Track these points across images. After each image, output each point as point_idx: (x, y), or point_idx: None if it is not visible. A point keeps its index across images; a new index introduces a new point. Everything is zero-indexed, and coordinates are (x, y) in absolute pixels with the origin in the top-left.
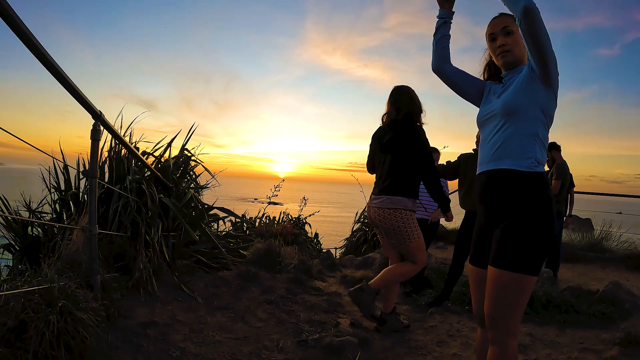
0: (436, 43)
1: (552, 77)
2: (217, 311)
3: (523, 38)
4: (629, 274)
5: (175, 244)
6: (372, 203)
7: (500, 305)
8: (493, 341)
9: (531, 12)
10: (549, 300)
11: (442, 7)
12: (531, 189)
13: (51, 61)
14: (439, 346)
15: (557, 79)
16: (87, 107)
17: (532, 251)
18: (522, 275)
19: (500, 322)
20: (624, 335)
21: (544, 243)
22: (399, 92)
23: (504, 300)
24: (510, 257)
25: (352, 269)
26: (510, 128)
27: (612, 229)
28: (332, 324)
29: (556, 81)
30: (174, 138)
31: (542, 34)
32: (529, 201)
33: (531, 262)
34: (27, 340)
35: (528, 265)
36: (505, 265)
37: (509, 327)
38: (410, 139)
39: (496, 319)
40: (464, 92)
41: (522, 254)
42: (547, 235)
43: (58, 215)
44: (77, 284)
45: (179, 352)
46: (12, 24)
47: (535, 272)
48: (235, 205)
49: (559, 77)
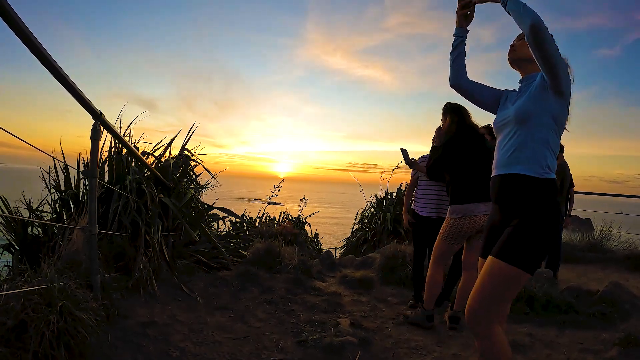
0: (454, 60)
1: (563, 87)
2: (217, 311)
3: (532, 53)
4: (629, 274)
5: (175, 244)
6: (483, 211)
7: (487, 296)
8: (479, 336)
9: (537, 29)
10: (549, 300)
11: (459, 26)
12: (540, 194)
13: (51, 61)
14: (438, 346)
15: (569, 88)
16: (87, 107)
17: (535, 251)
18: (520, 271)
19: (484, 314)
20: (623, 335)
21: (547, 246)
22: None
23: (492, 290)
24: (515, 252)
25: (352, 269)
26: (522, 134)
27: (612, 229)
28: (332, 324)
29: (568, 90)
30: (174, 138)
31: (549, 48)
32: (538, 206)
33: (532, 261)
34: (27, 340)
35: (529, 263)
36: (509, 259)
37: (492, 316)
38: None
39: (478, 312)
40: (480, 102)
41: (527, 252)
42: (551, 239)
43: (58, 215)
44: (77, 284)
45: (178, 352)
46: (12, 23)
47: (532, 270)
48: (235, 205)
49: (572, 84)
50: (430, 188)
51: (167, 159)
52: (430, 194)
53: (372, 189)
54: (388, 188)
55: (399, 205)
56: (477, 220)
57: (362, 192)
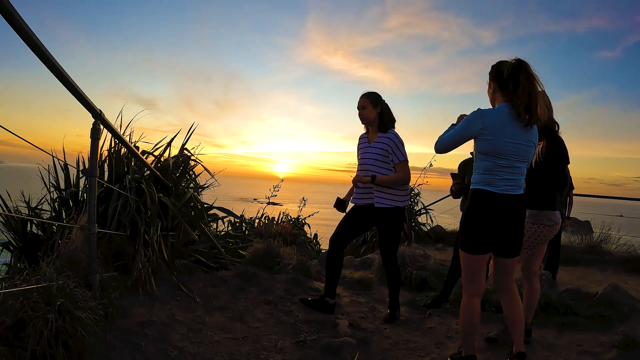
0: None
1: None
2: (216, 311)
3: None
4: (627, 276)
5: (174, 243)
6: (549, 222)
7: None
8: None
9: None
10: (548, 302)
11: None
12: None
13: (51, 59)
14: (437, 347)
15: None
16: (87, 106)
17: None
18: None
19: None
20: (622, 338)
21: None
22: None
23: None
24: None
25: (351, 269)
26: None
27: (611, 232)
28: (330, 324)
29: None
30: (173, 137)
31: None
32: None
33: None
34: (25, 339)
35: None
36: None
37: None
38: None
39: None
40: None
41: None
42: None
43: (57, 213)
44: (76, 283)
45: (177, 351)
46: (12, 22)
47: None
48: (234, 205)
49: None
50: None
51: (166, 159)
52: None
53: None
54: None
55: None
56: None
57: None
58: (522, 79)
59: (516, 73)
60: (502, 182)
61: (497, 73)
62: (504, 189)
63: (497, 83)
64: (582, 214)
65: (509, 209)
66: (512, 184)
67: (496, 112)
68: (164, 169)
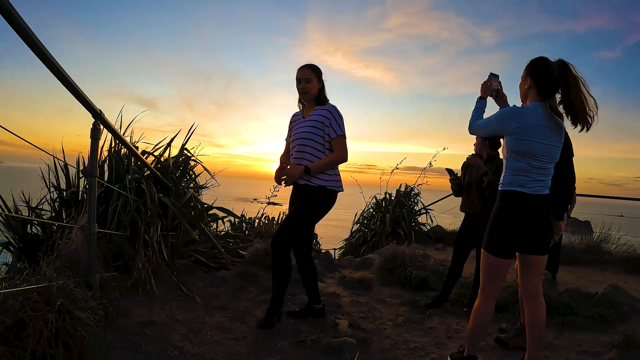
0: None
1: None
2: (216, 311)
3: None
4: (627, 276)
5: (174, 243)
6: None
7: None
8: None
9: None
10: (548, 302)
11: (484, 97)
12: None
13: (51, 59)
14: (437, 347)
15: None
16: (87, 106)
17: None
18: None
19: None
20: (622, 338)
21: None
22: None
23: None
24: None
25: (351, 269)
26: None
27: (611, 232)
28: (330, 324)
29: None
30: (173, 138)
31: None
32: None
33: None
34: (25, 339)
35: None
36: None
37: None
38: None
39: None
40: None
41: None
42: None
43: (57, 213)
44: (76, 283)
45: (177, 351)
46: (12, 21)
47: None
48: (234, 205)
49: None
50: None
51: (166, 159)
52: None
53: (372, 190)
54: (387, 189)
55: (398, 206)
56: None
57: (362, 193)
58: (572, 82)
59: (564, 74)
60: (534, 183)
61: (541, 71)
62: (536, 189)
63: (536, 80)
64: (582, 214)
65: (540, 209)
66: (542, 185)
67: (531, 112)
68: (164, 169)
